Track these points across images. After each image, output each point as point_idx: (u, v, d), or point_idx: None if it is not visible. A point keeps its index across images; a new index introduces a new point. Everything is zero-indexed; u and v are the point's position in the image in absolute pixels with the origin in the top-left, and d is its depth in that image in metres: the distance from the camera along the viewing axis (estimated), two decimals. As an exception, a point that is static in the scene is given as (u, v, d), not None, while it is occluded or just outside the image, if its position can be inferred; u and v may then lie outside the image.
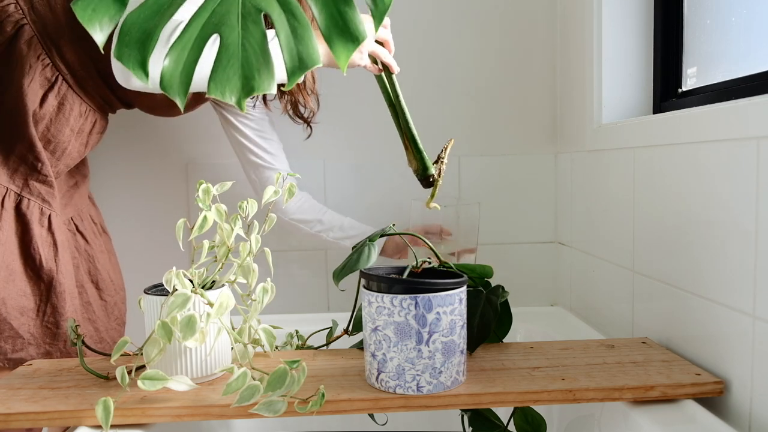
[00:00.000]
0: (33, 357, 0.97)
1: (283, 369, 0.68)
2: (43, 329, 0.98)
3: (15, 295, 0.94)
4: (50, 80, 0.95)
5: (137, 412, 0.72)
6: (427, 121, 1.43)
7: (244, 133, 1.21)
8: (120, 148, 1.41)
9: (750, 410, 0.74)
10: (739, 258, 0.75)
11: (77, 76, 0.97)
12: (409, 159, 0.97)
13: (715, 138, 0.79)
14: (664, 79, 1.13)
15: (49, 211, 0.99)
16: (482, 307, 0.88)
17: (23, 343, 0.95)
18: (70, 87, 0.97)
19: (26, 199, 0.97)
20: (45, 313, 0.98)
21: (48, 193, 0.99)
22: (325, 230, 1.27)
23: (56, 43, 0.94)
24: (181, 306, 0.72)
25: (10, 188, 0.96)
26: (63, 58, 0.95)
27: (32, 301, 0.97)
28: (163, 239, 1.43)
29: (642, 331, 1.01)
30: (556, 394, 0.75)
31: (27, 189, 0.97)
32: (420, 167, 0.96)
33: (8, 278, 0.94)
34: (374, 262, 0.86)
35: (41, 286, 0.97)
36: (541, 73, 1.43)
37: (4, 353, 0.94)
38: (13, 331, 0.94)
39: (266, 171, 1.23)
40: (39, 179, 0.98)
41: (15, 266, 0.95)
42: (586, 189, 1.25)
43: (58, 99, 0.97)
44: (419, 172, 0.96)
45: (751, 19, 0.92)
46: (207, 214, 0.79)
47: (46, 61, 0.94)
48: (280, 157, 1.25)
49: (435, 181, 0.96)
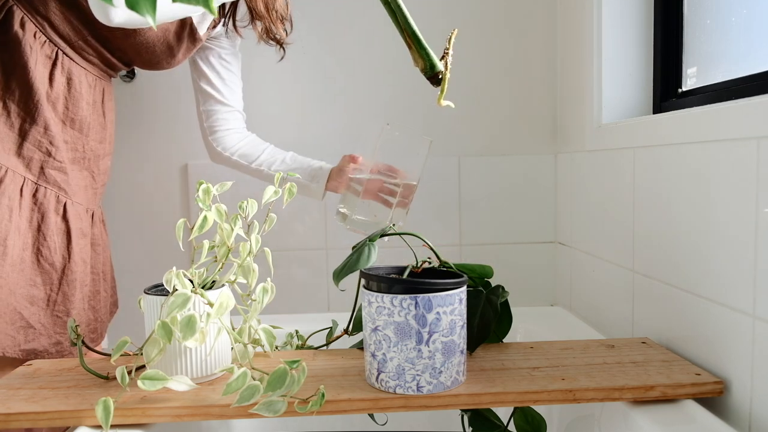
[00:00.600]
0: (45, 347, 0.97)
1: (283, 369, 0.68)
2: (53, 319, 0.98)
3: (24, 284, 0.95)
4: (51, 57, 0.96)
5: (137, 412, 0.72)
6: (427, 121, 1.43)
7: (208, 61, 1.18)
8: (120, 148, 1.41)
9: (750, 410, 0.74)
10: (739, 258, 0.75)
11: (75, 47, 0.97)
12: (415, 58, 0.94)
13: (715, 138, 0.79)
14: (664, 79, 1.13)
15: (65, 198, 0.99)
16: (482, 307, 0.88)
17: (35, 333, 0.96)
18: (72, 60, 0.97)
19: (43, 188, 0.97)
20: (56, 303, 0.98)
21: (63, 181, 0.99)
22: (266, 162, 1.20)
23: (45, 16, 0.94)
24: (181, 306, 0.72)
25: (27, 177, 0.96)
26: (56, 30, 0.95)
27: (42, 290, 0.97)
28: (163, 239, 1.43)
29: (642, 331, 1.01)
30: (556, 394, 0.75)
31: (43, 177, 0.97)
32: (427, 65, 0.93)
33: (19, 268, 0.94)
34: (374, 262, 0.86)
35: (53, 275, 0.98)
36: (541, 73, 1.43)
37: (18, 344, 0.94)
38: (24, 321, 0.94)
39: (215, 104, 1.19)
40: (54, 166, 0.98)
41: (26, 255, 0.95)
42: (586, 189, 1.25)
43: (64, 75, 0.97)
44: (426, 70, 0.93)
45: (751, 19, 0.92)
46: (207, 214, 0.79)
47: (42, 38, 0.94)
48: (236, 93, 1.21)
49: (444, 76, 0.94)
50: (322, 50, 1.41)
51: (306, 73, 1.42)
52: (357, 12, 1.41)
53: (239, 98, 1.23)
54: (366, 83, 1.42)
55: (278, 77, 1.41)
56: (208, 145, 1.22)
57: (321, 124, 1.42)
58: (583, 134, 1.24)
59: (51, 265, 0.97)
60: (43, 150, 0.97)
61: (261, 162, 1.20)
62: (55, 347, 0.98)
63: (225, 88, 1.19)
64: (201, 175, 1.40)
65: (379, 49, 1.41)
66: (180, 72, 1.41)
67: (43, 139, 0.96)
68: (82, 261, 1.02)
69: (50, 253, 0.97)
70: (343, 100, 1.42)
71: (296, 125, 1.42)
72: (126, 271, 1.35)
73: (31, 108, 0.95)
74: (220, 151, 1.21)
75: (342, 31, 1.41)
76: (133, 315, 1.21)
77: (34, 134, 0.96)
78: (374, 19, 1.40)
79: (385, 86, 1.42)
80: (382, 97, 1.42)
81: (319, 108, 1.42)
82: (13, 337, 0.93)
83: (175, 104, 1.41)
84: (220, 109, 1.19)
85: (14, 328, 0.94)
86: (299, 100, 1.42)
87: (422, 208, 1.43)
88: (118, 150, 1.40)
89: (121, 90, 1.41)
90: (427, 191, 1.42)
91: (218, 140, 1.20)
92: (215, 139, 1.20)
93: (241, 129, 1.23)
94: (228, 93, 1.20)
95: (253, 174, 1.21)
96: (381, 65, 1.41)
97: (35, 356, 0.96)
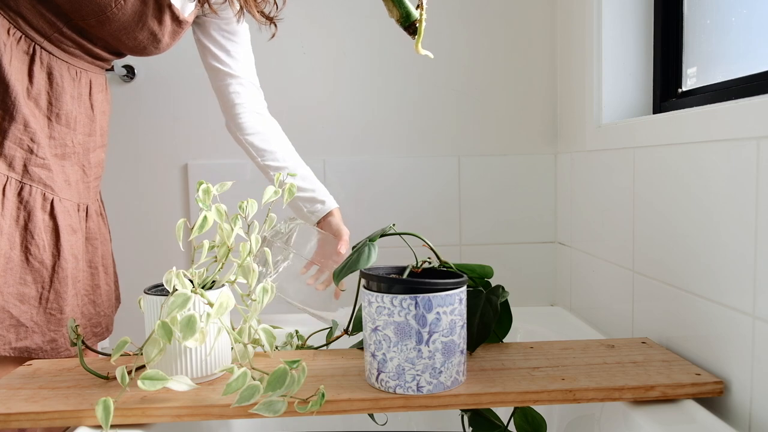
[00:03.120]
0: (39, 345, 0.97)
1: (283, 369, 0.68)
2: (46, 316, 0.97)
3: (13, 283, 0.94)
4: (28, 53, 0.94)
5: (137, 412, 0.72)
6: (427, 120, 1.43)
7: (209, 35, 1.13)
8: (119, 148, 1.41)
9: (750, 410, 0.74)
10: (739, 258, 0.75)
11: (52, 40, 0.95)
12: (389, 8, 0.92)
13: (715, 138, 0.79)
14: (664, 79, 1.13)
15: (52, 195, 0.98)
16: (482, 307, 0.88)
17: (27, 332, 0.95)
18: (50, 54, 0.95)
19: (28, 186, 0.96)
20: (48, 300, 0.97)
21: (48, 177, 0.98)
22: (274, 168, 1.15)
23: (17, 11, 0.92)
24: (181, 306, 0.72)
25: (10, 176, 0.94)
26: (30, 24, 0.93)
27: (33, 288, 0.96)
28: (163, 239, 1.43)
29: (642, 331, 1.01)
30: (556, 394, 0.75)
31: (27, 175, 0.96)
32: (402, 14, 0.91)
33: (6, 267, 0.93)
34: (374, 262, 0.86)
35: (44, 273, 0.97)
36: (541, 73, 1.43)
37: (8, 342, 0.94)
38: (14, 319, 0.94)
39: (226, 78, 1.14)
40: (37, 163, 0.96)
41: (14, 254, 0.94)
42: (586, 189, 1.25)
43: (44, 70, 0.95)
44: (402, 20, 0.91)
45: (751, 19, 0.92)
46: (207, 214, 0.79)
47: (18, 34, 0.92)
48: (242, 63, 1.15)
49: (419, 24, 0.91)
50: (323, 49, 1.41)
51: (306, 72, 1.42)
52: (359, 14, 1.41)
53: (249, 70, 1.17)
54: (366, 84, 1.42)
55: (279, 78, 1.41)
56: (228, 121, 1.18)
57: (321, 125, 1.42)
58: (583, 134, 1.24)
59: (41, 263, 0.96)
60: (24, 147, 0.95)
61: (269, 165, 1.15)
62: (50, 345, 0.98)
63: (230, 59, 1.14)
64: (201, 175, 1.40)
65: (380, 49, 1.41)
66: (180, 72, 1.41)
67: (24, 137, 0.94)
68: (74, 257, 1.01)
69: (39, 251, 0.96)
70: (343, 101, 1.42)
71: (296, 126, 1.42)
72: (126, 271, 1.35)
73: (9, 105, 0.93)
74: (234, 129, 1.16)
75: (342, 30, 1.41)
76: (133, 315, 1.21)
77: (14, 132, 0.94)
78: (375, 20, 1.40)
79: (385, 86, 1.42)
80: (383, 97, 1.42)
81: (318, 108, 1.42)
82: (2, 335, 0.93)
83: (175, 104, 1.41)
84: (231, 82, 1.14)
85: (3, 326, 0.93)
86: (299, 100, 1.42)
87: (422, 208, 1.43)
88: (118, 150, 1.40)
89: (121, 90, 1.41)
90: (427, 191, 1.43)
91: (235, 117, 1.15)
92: (234, 115, 1.15)
93: (258, 109, 1.17)
94: (234, 64, 1.14)
95: (257, 167, 1.17)
96: (382, 65, 1.42)
97: (29, 354, 0.96)
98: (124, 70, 1.40)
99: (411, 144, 1.42)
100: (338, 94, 1.42)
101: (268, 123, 1.18)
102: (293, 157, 1.18)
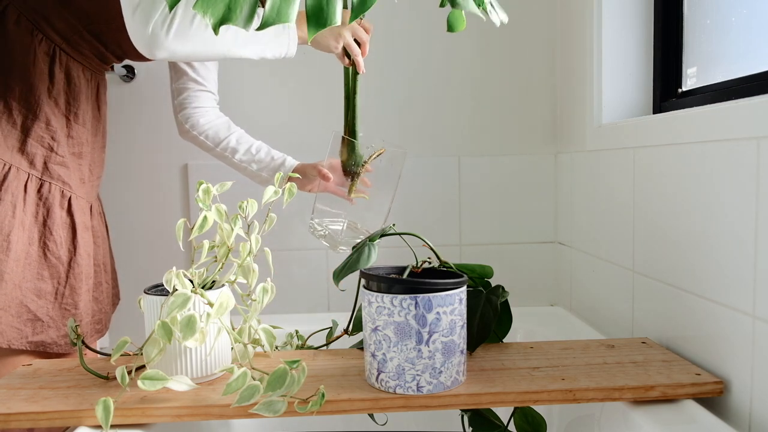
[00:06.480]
0: (54, 339, 0.98)
1: (283, 369, 0.68)
2: (62, 311, 0.99)
3: (31, 278, 0.96)
4: (49, 54, 0.97)
5: (137, 412, 0.72)
6: (427, 121, 1.43)
7: None
8: (119, 148, 1.41)
9: (750, 410, 0.74)
10: (739, 258, 0.75)
11: (71, 42, 0.98)
12: (341, 150, 1.09)
13: (715, 138, 0.79)
14: (664, 79, 1.13)
15: (70, 193, 1.01)
16: (482, 307, 0.88)
17: (43, 326, 0.97)
18: (69, 56, 0.98)
19: (48, 183, 0.98)
20: (63, 296, 0.99)
21: (66, 175, 1.00)
22: (231, 149, 1.19)
23: (42, 14, 0.95)
24: (181, 306, 0.72)
25: (32, 173, 0.97)
26: (54, 27, 0.96)
27: (50, 284, 0.98)
28: (163, 239, 1.43)
29: (642, 331, 1.01)
30: (556, 394, 0.75)
31: (47, 173, 0.98)
32: (348, 161, 1.09)
33: (25, 262, 0.95)
34: (374, 262, 0.86)
35: (60, 269, 0.99)
36: (541, 73, 1.43)
37: (25, 336, 0.95)
38: (31, 314, 0.95)
39: (189, 82, 1.19)
40: (57, 161, 0.99)
41: (32, 250, 0.96)
42: (586, 189, 1.25)
43: (63, 71, 0.98)
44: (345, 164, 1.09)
45: (751, 19, 0.92)
46: (207, 214, 0.79)
47: (39, 36, 0.95)
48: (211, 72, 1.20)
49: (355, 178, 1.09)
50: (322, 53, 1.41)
51: (306, 72, 1.42)
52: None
53: (214, 79, 1.22)
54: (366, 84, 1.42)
55: (278, 78, 1.41)
56: (177, 122, 1.22)
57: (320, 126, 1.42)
58: (583, 134, 1.24)
59: (58, 259, 0.98)
60: (45, 145, 0.98)
61: (226, 147, 1.19)
62: (64, 339, 1.00)
63: (201, 66, 1.19)
64: (201, 175, 1.40)
65: (379, 49, 1.41)
66: (180, 72, 1.41)
67: (45, 135, 0.97)
68: (87, 254, 1.03)
69: (56, 247, 0.98)
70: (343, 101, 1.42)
71: (295, 126, 1.42)
72: (126, 271, 1.35)
73: (32, 104, 0.96)
74: (188, 129, 1.20)
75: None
76: (133, 315, 1.21)
77: (37, 130, 0.97)
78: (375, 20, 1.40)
79: (385, 86, 1.42)
80: (383, 97, 1.42)
81: (318, 109, 1.42)
82: (20, 329, 0.94)
83: (175, 104, 1.41)
84: (193, 87, 1.19)
85: (21, 321, 0.95)
86: (299, 101, 1.42)
87: (422, 208, 1.43)
88: (118, 150, 1.40)
89: (121, 90, 1.41)
90: (427, 191, 1.43)
91: (187, 117, 1.19)
92: (184, 115, 1.19)
93: (213, 109, 1.22)
94: (203, 71, 1.19)
95: (217, 157, 1.21)
96: (381, 65, 1.41)
97: (44, 348, 0.97)
98: (124, 70, 1.40)
99: (411, 144, 1.42)
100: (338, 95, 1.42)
101: (219, 117, 1.22)
102: (244, 138, 1.21)
